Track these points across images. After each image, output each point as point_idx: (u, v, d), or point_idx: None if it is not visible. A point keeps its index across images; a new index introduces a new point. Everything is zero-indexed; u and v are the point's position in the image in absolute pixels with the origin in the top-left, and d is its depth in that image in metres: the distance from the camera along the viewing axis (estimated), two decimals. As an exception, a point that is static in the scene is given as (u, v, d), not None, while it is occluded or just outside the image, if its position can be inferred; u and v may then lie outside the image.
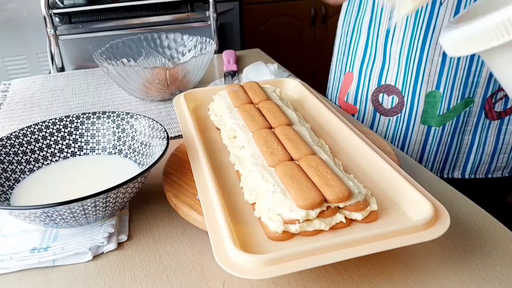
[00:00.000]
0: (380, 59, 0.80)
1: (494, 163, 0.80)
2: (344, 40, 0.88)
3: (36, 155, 0.56)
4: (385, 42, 0.78)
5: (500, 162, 0.80)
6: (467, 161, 0.81)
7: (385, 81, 0.80)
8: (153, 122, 0.56)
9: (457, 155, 0.81)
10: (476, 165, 0.81)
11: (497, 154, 0.79)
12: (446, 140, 0.78)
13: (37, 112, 0.84)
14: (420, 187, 0.46)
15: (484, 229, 0.49)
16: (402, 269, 0.44)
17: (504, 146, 0.79)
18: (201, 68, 0.84)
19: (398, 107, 0.80)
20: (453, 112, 0.75)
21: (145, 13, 1.38)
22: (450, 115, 0.76)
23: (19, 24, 1.58)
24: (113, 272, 0.45)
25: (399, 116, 0.80)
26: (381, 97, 0.81)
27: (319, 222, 0.42)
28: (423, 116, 0.77)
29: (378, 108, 0.82)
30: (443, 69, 0.73)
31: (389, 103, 0.80)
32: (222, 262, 0.37)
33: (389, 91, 0.80)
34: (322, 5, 2.17)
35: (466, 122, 0.77)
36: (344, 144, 0.58)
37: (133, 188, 0.48)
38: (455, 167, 0.82)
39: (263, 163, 0.49)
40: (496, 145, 0.79)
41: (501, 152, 0.79)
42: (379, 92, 0.81)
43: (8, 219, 0.52)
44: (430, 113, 0.77)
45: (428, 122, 0.78)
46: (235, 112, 0.61)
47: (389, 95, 0.80)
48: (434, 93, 0.75)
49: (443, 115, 0.76)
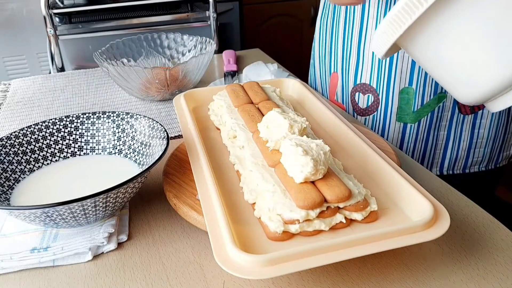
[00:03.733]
0: (355, 58, 0.82)
1: (470, 158, 0.81)
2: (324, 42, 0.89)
3: (36, 155, 0.56)
4: (358, 40, 0.80)
5: (476, 156, 0.81)
6: (444, 157, 0.82)
7: (361, 80, 0.82)
8: (153, 122, 0.56)
9: (434, 152, 0.82)
10: (453, 161, 0.82)
11: (473, 148, 0.80)
12: (422, 136, 0.79)
13: (37, 112, 0.84)
14: (420, 187, 0.46)
15: (484, 229, 0.49)
16: (402, 269, 0.44)
17: (479, 140, 0.80)
18: (201, 68, 0.84)
19: (373, 105, 0.81)
20: (427, 108, 0.76)
21: (145, 13, 1.38)
22: (424, 111, 0.77)
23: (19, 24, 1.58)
24: (113, 272, 0.45)
25: (375, 115, 0.81)
26: (357, 96, 0.83)
27: (319, 222, 0.42)
28: (398, 113, 0.79)
29: (355, 108, 0.84)
30: (414, 66, 0.74)
31: (365, 102, 0.82)
32: (222, 262, 0.37)
33: (364, 89, 0.81)
34: (322, 5, 2.17)
35: (440, 117, 0.77)
36: (344, 144, 0.58)
37: (133, 188, 0.48)
38: (432, 164, 0.83)
39: (263, 163, 0.49)
40: (471, 140, 0.79)
41: (476, 147, 0.80)
42: (356, 91, 0.83)
43: (8, 219, 0.52)
44: (405, 109, 0.78)
45: (404, 119, 0.79)
46: (235, 112, 0.61)
47: (364, 93, 0.81)
48: (407, 90, 0.76)
49: (418, 111, 0.77)
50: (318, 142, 0.45)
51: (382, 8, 0.74)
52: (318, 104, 0.66)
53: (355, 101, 0.84)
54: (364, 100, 0.82)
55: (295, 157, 0.43)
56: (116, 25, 1.34)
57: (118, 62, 0.88)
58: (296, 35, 2.24)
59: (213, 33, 1.32)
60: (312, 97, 0.69)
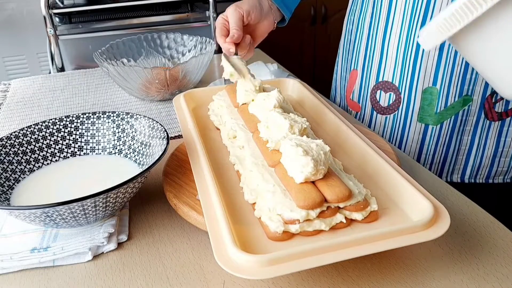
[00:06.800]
0: (378, 55, 0.79)
1: (495, 167, 0.78)
2: (349, 38, 0.88)
3: (36, 155, 0.56)
4: (383, 37, 0.78)
5: (501, 166, 0.77)
6: (466, 163, 0.79)
7: (383, 78, 0.79)
8: (153, 122, 0.56)
9: (456, 157, 0.79)
10: (476, 169, 0.79)
11: (498, 157, 0.77)
12: (444, 140, 0.77)
13: (37, 112, 0.84)
14: (420, 187, 0.46)
15: (484, 229, 0.49)
16: (402, 269, 0.44)
17: (506, 149, 0.76)
18: (201, 68, 0.84)
19: (395, 104, 0.78)
20: (451, 110, 0.74)
21: (145, 13, 1.38)
22: (447, 113, 0.74)
23: (19, 24, 1.58)
24: (113, 272, 0.45)
25: (396, 114, 0.79)
26: (379, 94, 0.80)
27: (319, 222, 0.42)
28: (420, 114, 0.76)
29: (376, 106, 0.81)
30: (440, 65, 0.72)
31: (386, 100, 0.79)
32: (222, 262, 0.37)
33: (386, 87, 0.79)
34: (322, 5, 2.17)
35: (465, 121, 0.75)
36: (344, 144, 0.58)
37: (133, 188, 0.48)
38: (454, 170, 0.80)
39: (263, 163, 0.49)
40: (497, 148, 0.76)
41: (502, 156, 0.76)
42: (377, 89, 0.80)
43: (8, 219, 0.52)
44: (427, 110, 0.75)
45: (425, 120, 0.76)
46: (235, 112, 0.61)
47: (386, 92, 0.79)
48: (431, 90, 0.74)
49: (441, 113, 0.74)
50: (318, 142, 0.45)
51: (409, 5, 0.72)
52: (318, 104, 0.66)
53: (375, 99, 0.81)
54: (385, 98, 0.79)
55: (295, 157, 0.43)
56: (116, 25, 1.34)
57: (118, 62, 0.88)
58: (296, 35, 2.24)
59: (213, 33, 1.32)
60: (312, 97, 0.69)
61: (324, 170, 0.43)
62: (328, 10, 2.20)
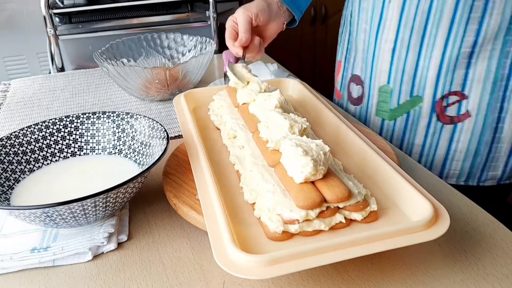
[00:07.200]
0: (354, 50, 0.84)
1: (446, 168, 0.78)
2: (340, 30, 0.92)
3: (36, 155, 0.56)
4: (357, 31, 0.82)
5: (454, 168, 0.77)
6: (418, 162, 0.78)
7: (354, 72, 0.84)
8: (153, 122, 0.56)
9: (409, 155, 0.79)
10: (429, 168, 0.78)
11: (449, 159, 0.77)
12: (398, 136, 0.80)
13: (37, 112, 0.84)
14: (420, 187, 0.46)
15: (484, 229, 0.49)
16: (402, 269, 0.44)
17: (458, 153, 0.75)
18: (201, 68, 0.85)
19: (361, 97, 0.84)
20: (402, 108, 0.77)
21: (145, 13, 1.38)
22: (399, 110, 0.77)
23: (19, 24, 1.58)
24: (113, 272, 0.45)
25: (362, 106, 0.84)
26: (352, 86, 0.86)
27: (319, 222, 0.42)
28: (378, 109, 0.80)
29: (349, 97, 0.87)
30: (393, 64, 0.75)
31: (356, 93, 0.84)
32: (222, 262, 0.37)
33: (357, 81, 0.84)
34: (322, 5, 2.17)
35: (416, 121, 0.76)
36: (344, 144, 0.58)
37: (133, 188, 0.48)
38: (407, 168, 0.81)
39: (263, 163, 0.49)
40: (448, 150, 0.76)
41: (454, 159, 0.76)
42: (351, 81, 0.86)
43: (8, 219, 0.52)
44: (383, 106, 0.79)
45: (382, 115, 0.80)
46: (235, 112, 0.61)
47: (357, 84, 0.84)
48: (385, 87, 0.77)
49: (394, 110, 0.77)
50: (318, 142, 0.45)
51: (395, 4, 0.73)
52: (318, 104, 0.66)
53: (350, 91, 0.87)
54: (356, 90, 0.84)
55: (295, 157, 0.43)
56: (116, 25, 1.34)
57: (118, 62, 0.88)
58: (296, 35, 2.24)
59: (213, 33, 1.32)
60: (312, 97, 0.69)
61: (324, 170, 0.43)
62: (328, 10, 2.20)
